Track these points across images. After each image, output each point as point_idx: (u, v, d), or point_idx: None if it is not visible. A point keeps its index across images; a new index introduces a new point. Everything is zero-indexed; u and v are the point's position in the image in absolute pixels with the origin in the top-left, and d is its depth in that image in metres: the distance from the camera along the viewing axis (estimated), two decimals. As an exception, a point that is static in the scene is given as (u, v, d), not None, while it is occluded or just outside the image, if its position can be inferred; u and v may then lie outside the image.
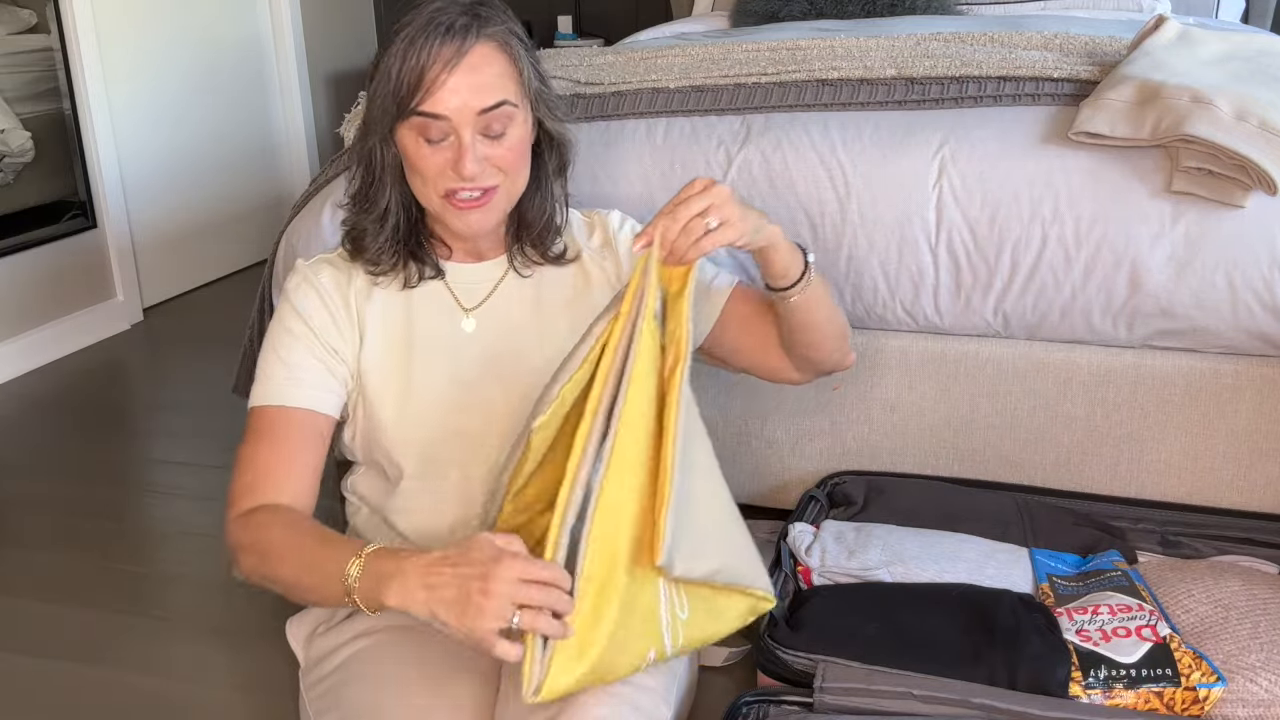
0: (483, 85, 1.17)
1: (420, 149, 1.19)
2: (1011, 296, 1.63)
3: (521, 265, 1.32)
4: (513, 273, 1.32)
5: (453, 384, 1.27)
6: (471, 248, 1.31)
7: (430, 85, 1.15)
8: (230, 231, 3.83)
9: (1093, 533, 1.61)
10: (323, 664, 1.24)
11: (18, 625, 1.76)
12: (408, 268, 1.28)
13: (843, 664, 1.33)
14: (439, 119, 1.16)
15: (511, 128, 1.20)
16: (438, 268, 1.29)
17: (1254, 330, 1.55)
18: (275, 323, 1.28)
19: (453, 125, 1.17)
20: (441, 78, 1.15)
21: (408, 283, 1.28)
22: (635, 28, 3.58)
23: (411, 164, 1.21)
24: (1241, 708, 1.27)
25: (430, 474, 1.27)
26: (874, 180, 1.64)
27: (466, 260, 1.32)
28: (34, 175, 2.99)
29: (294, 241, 1.84)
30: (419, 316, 1.28)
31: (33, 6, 2.97)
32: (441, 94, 1.15)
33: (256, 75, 3.95)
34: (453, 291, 1.30)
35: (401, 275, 1.28)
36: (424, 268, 1.28)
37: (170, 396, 2.74)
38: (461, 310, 1.29)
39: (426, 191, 1.22)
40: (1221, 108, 1.52)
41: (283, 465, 1.22)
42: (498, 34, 1.19)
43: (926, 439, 1.76)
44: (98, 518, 2.12)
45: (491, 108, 1.17)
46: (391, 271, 1.28)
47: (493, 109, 1.17)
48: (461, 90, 1.16)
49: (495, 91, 1.17)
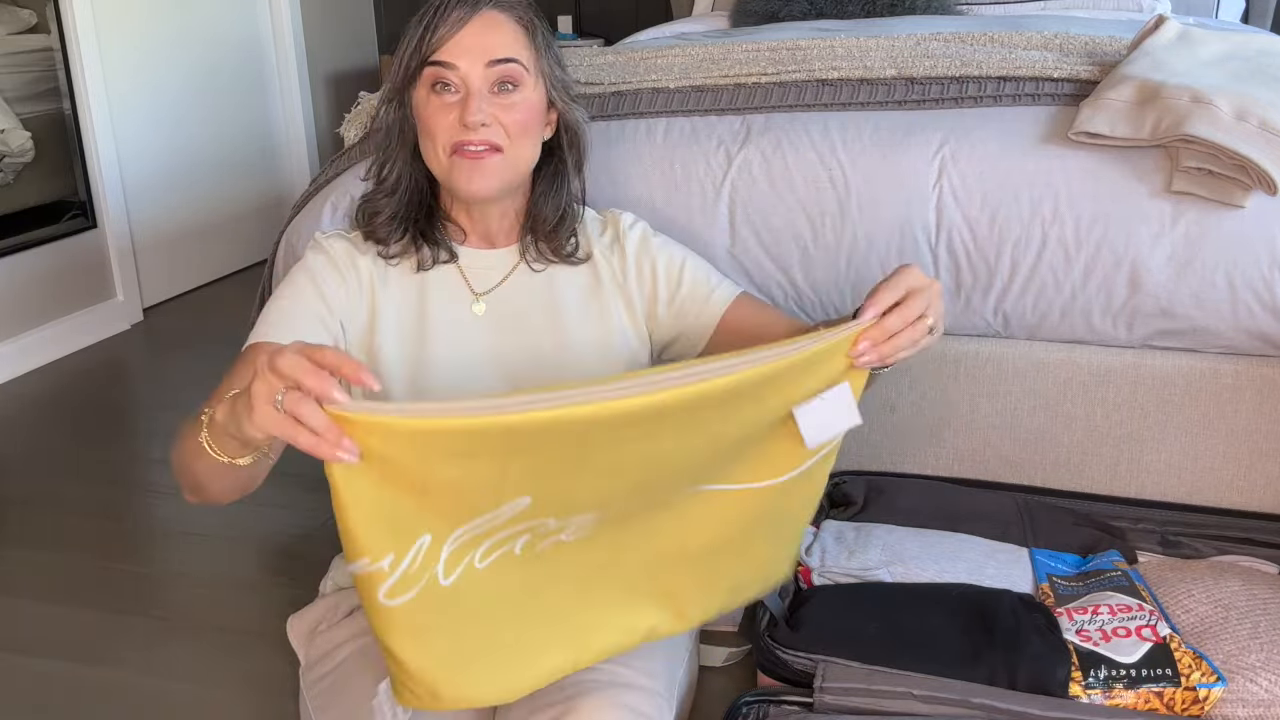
0: (493, 43, 1.21)
1: (431, 101, 1.22)
2: (1011, 296, 1.63)
3: (533, 259, 1.33)
4: (524, 264, 1.33)
5: (461, 367, 1.28)
6: (483, 231, 1.32)
7: (443, 39, 1.20)
8: (230, 231, 3.83)
9: (1093, 533, 1.61)
10: (323, 662, 1.24)
11: (18, 625, 1.76)
12: (421, 250, 1.29)
13: (843, 664, 1.33)
14: (450, 67, 1.20)
15: (520, 90, 1.23)
16: (451, 250, 1.30)
17: (1254, 330, 1.55)
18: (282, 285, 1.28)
19: (462, 76, 1.20)
20: (453, 33, 1.20)
21: (421, 265, 1.29)
22: (635, 28, 3.57)
23: (423, 122, 1.23)
24: (1241, 708, 1.27)
25: None
26: (874, 180, 1.64)
27: (480, 245, 1.32)
28: (34, 175, 2.99)
29: (294, 241, 1.84)
30: (431, 299, 1.29)
31: (33, 6, 2.97)
32: (451, 45, 1.20)
33: (256, 75, 3.95)
34: (465, 275, 1.31)
35: (415, 258, 1.29)
36: (438, 250, 1.29)
37: (170, 396, 2.74)
38: (472, 294, 1.30)
39: (435, 151, 1.23)
40: (1221, 108, 1.52)
41: None
42: (513, 5, 1.24)
43: (926, 439, 1.76)
44: (98, 518, 2.12)
45: (501, 60, 1.21)
46: (404, 255, 1.29)
47: (502, 62, 1.21)
48: (472, 42, 1.20)
49: (505, 49, 1.21)
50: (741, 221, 1.69)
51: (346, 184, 1.82)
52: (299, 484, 1.98)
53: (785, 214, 1.67)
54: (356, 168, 1.84)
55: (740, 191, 1.69)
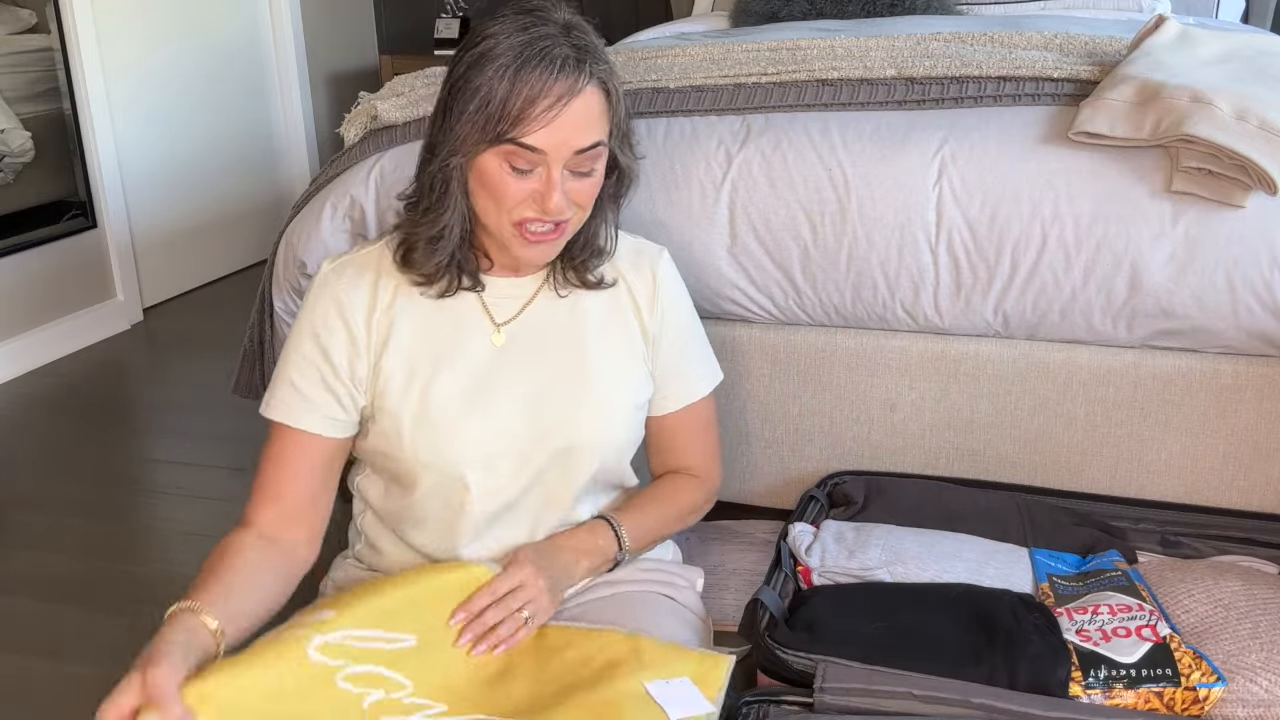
0: (584, 125, 1.15)
1: (504, 176, 1.16)
2: (1011, 296, 1.63)
3: (560, 285, 1.31)
4: (548, 289, 1.31)
5: (470, 398, 1.26)
6: (511, 263, 1.28)
7: (537, 118, 1.12)
8: (230, 231, 3.83)
9: (1093, 533, 1.61)
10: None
11: (18, 625, 1.76)
12: (448, 279, 1.26)
13: (843, 664, 1.33)
14: (536, 151, 1.14)
15: (597, 166, 1.20)
16: (477, 279, 1.27)
17: (1254, 330, 1.55)
18: (294, 334, 1.27)
19: (546, 159, 1.15)
20: (550, 114, 1.12)
21: (444, 292, 1.26)
22: (635, 28, 3.58)
23: (491, 189, 1.17)
24: (1241, 708, 1.27)
25: (443, 489, 1.27)
26: (874, 180, 1.64)
27: (504, 274, 1.30)
28: (34, 175, 2.99)
29: (294, 242, 1.84)
30: (447, 326, 1.27)
31: (33, 6, 2.97)
32: (546, 130, 1.13)
33: (256, 76, 3.95)
34: (486, 305, 1.29)
35: (441, 284, 1.26)
36: (463, 277, 1.26)
37: (170, 396, 2.74)
38: (493, 324, 1.28)
39: (499, 217, 1.19)
40: (1221, 107, 1.52)
41: (283, 483, 1.25)
42: (603, 73, 1.17)
43: (926, 439, 1.76)
44: (98, 518, 2.12)
45: (588, 148, 1.16)
46: (430, 281, 1.26)
47: (589, 149, 1.16)
48: (565, 129, 1.13)
49: (594, 132, 1.16)
50: (741, 221, 1.69)
51: (346, 184, 1.82)
52: (299, 484, 1.98)
53: (785, 214, 1.67)
54: (357, 168, 1.84)
55: (740, 191, 1.69)
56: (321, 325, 1.25)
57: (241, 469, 2.30)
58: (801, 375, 1.77)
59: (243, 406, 2.40)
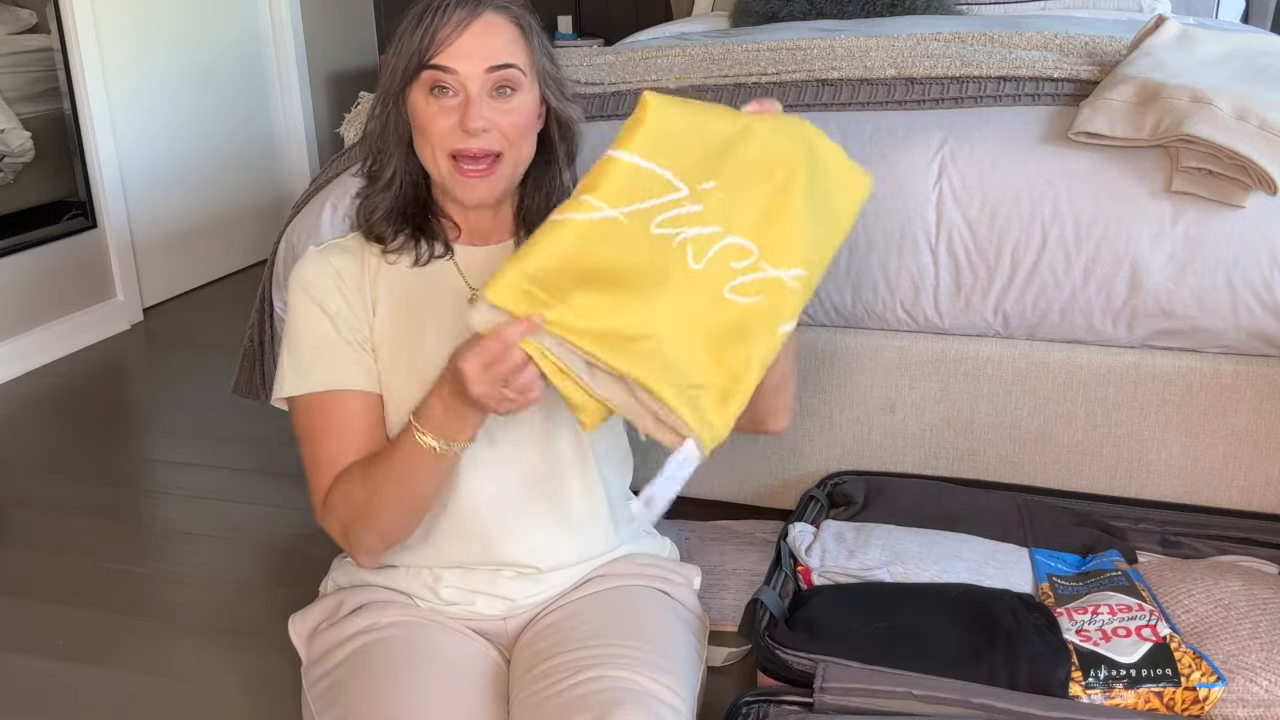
0: (493, 47, 1.21)
1: (429, 107, 1.21)
2: (1011, 296, 1.63)
3: None
4: None
5: None
6: (477, 229, 1.32)
7: (442, 43, 1.20)
8: (230, 231, 3.83)
9: (1093, 533, 1.61)
10: (325, 660, 1.24)
11: (18, 625, 1.76)
12: (418, 245, 1.29)
13: (843, 664, 1.33)
14: (449, 72, 1.19)
15: (518, 94, 1.23)
16: (447, 244, 1.31)
17: (1254, 330, 1.55)
18: (294, 313, 1.29)
19: (461, 80, 1.20)
20: (453, 36, 1.19)
21: (418, 260, 1.30)
22: (635, 28, 3.58)
23: (420, 126, 1.23)
24: (1241, 708, 1.27)
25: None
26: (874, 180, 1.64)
27: (473, 243, 1.33)
28: (34, 175, 2.99)
29: (294, 241, 1.84)
30: (429, 294, 1.30)
31: (33, 6, 2.97)
32: (452, 50, 1.19)
33: (256, 75, 3.95)
34: (462, 273, 1.31)
35: (413, 253, 1.30)
36: (434, 244, 1.30)
37: (170, 396, 2.74)
38: (470, 289, 1.30)
39: (434, 155, 1.23)
40: (1221, 108, 1.52)
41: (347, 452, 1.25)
42: (510, 6, 1.24)
43: (926, 439, 1.76)
44: (98, 518, 2.12)
45: (500, 66, 1.21)
46: (403, 250, 1.30)
47: (501, 68, 1.21)
48: (470, 46, 1.20)
49: (504, 54, 1.21)
50: (741, 221, 1.69)
51: (346, 184, 1.82)
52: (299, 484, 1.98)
53: (785, 214, 1.67)
54: (356, 168, 1.84)
55: (740, 191, 1.69)
56: (324, 296, 1.28)
57: (242, 469, 2.30)
58: (801, 375, 1.77)
59: (243, 407, 2.40)
